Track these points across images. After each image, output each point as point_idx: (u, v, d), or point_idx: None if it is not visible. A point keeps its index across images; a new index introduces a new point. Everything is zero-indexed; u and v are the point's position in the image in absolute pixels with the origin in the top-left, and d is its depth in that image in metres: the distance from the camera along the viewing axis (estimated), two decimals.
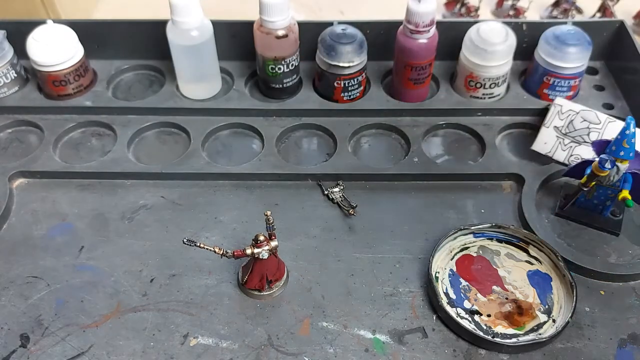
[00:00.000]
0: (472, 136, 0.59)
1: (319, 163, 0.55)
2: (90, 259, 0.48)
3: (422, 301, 0.45)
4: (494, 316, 0.44)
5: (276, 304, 0.45)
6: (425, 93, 0.61)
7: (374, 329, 0.43)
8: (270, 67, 0.58)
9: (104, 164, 0.55)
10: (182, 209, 0.52)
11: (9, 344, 0.42)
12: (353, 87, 0.59)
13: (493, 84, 0.58)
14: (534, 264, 0.47)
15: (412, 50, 0.56)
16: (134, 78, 0.66)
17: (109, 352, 0.42)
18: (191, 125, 0.59)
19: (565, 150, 0.54)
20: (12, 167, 0.54)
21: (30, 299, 0.45)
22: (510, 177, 0.54)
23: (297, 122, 0.59)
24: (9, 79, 0.60)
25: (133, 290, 0.46)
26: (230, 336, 0.43)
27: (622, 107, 0.60)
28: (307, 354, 0.42)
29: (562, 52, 0.56)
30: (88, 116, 0.60)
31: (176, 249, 0.49)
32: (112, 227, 0.50)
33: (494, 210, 0.52)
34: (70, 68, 0.59)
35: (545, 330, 0.43)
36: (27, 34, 0.58)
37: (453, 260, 0.47)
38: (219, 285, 0.46)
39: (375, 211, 0.51)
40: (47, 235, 0.50)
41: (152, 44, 0.64)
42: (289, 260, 0.47)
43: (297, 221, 0.51)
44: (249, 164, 0.55)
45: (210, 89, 0.62)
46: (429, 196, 0.53)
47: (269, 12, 0.54)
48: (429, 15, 0.53)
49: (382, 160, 0.56)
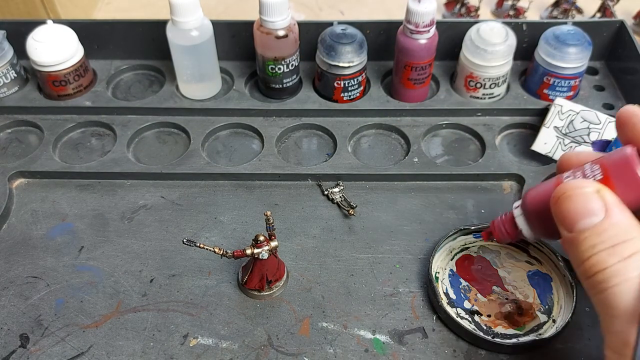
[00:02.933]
0: (472, 136, 0.59)
1: (319, 163, 0.55)
2: (90, 259, 0.48)
3: (422, 301, 0.45)
4: (494, 316, 0.44)
5: (276, 304, 0.45)
6: (425, 93, 0.61)
7: (373, 329, 0.43)
8: (270, 67, 0.58)
9: (103, 164, 0.55)
10: (182, 209, 0.52)
11: (9, 344, 0.42)
12: (353, 87, 0.59)
13: (493, 84, 0.58)
14: (534, 264, 0.47)
15: (412, 50, 0.56)
16: (133, 78, 0.66)
17: (109, 352, 0.42)
18: (191, 125, 0.59)
19: (566, 151, 0.54)
20: (12, 167, 0.54)
21: (30, 299, 0.45)
22: (511, 177, 0.54)
23: (297, 122, 0.59)
24: (8, 79, 0.60)
25: (133, 290, 0.46)
26: (230, 336, 0.43)
27: (622, 107, 0.60)
28: (306, 354, 0.42)
29: (562, 52, 0.56)
30: (88, 116, 0.60)
31: (176, 249, 0.49)
32: (111, 227, 0.50)
33: (494, 211, 0.52)
34: (70, 68, 0.59)
35: (545, 330, 0.43)
36: (27, 34, 0.58)
37: (453, 261, 0.47)
38: (219, 286, 0.46)
39: (375, 211, 0.51)
40: (47, 235, 0.50)
41: (152, 44, 0.64)
42: (288, 261, 0.47)
43: (297, 221, 0.51)
44: (249, 164, 0.55)
45: (210, 89, 0.62)
46: (429, 196, 0.53)
47: (269, 12, 0.54)
48: (429, 16, 0.53)
49: (382, 161, 0.56)
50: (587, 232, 0.28)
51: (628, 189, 0.29)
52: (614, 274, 0.27)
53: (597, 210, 0.28)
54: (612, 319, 0.27)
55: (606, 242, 0.28)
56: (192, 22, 0.55)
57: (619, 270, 0.27)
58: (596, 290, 0.28)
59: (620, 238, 0.28)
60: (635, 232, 0.28)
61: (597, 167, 0.31)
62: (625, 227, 0.28)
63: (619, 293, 0.27)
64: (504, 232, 0.37)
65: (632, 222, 0.28)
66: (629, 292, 0.27)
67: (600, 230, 0.28)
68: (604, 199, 0.29)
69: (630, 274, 0.27)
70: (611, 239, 0.28)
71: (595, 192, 0.29)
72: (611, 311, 0.27)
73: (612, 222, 0.28)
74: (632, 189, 0.29)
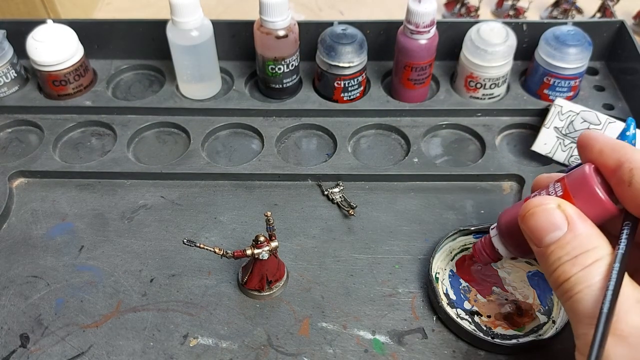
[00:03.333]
0: (472, 137, 0.59)
1: (318, 163, 0.55)
2: (90, 259, 0.48)
3: (422, 302, 0.45)
4: (494, 317, 0.44)
5: (276, 304, 0.45)
6: (425, 93, 0.61)
7: (373, 330, 0.43)
8: (270, 67, 0.58)
9: (103, 163, 0.55)
10: (181, 209, 0.52)
11: (9, 343, 0.43)
12: (353, 87, 0.59)
13: (493, 84, 0.58)
14: (533, 264, 0.47)
15: (412, 50, 0.56)
16: (133, 78, 0.66)
17: (109, 352, 0.42)
18: (191, 125, 0.59)
19: (566, 151, 0.54)
20: (12, 167, 0.54)
21: (30, 298, 0.45)
22: (511, 177, 0.54)
23: (297, 122, 0.59)
24: (8, 79, 0.60)
25: (133, 290, 0.46)
26: (230, 336, 0.43)
27: (622, 107, 0.60)
28: (306, 355, 0.42)
29: (562, 52, 0.56)
30: (88, 116, 0.60)
31: (176, 249, 0.49)
32: (111, 227, 0.50)
33: (494, 211, 0.52)
34: (70, 68, 0.59)
35: (545, 331, 0.43)
36: (27, 34, 0.58)
37: (453, 261, 0.47)
38: (219, 286, 0.46)
39: (375, 212, 0.52)
40: (47, 235, 0.50)
41: (152, 44, 0.64)
42: (288, 261, 0.47)
43: (296, 221, 0.51)
44: (249, 164, 0.55)
45: (210, 89, 0.62)
46: (429, 197, 0.53)
47: (269, 12, 0.54)
48: (430, 16, 0.53)
49: (382, 161, 0.56)
50: (553, 245, 0.31)
51: (587, 203, 0.31)
52: (577, 282, 0.29)
53: (559, 223, 0.31)
54: (578, 324, 0.29)
55: (570, 253, 0.30)
56: (192, 22, 0.55)
57: (581, 278, 0.29)
58: (564, 299, 0.30)
59: (583, 248, 0.30)
60: (597, 242, 0.30)
61: (558, 185, 0.33)
62: (587, 238, 0.30)
63: (582, 299, 0.29)
64: (485, 255, 0.40)
65: (593, 232, 0.30)
66: (591, 297, 0.28)
67: (563, 243, 0.30)
68: (565, 212, 0.31)
69: (592, 280, 0.29)
70: (574, 250, 0.30)
71: (557, 207, 0.31)
72: (577, 316, 0.29)
73: (574, 234, 0.30)
74: (590, 203, 0.31)
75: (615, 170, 0.31)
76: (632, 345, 0.27)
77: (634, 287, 0.29)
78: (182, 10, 0.54)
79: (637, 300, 0.28)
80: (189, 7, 0.54)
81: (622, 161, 0.31)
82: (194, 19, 0.55)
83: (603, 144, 0.32)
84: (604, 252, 0.30)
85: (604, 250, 0.30)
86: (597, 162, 0.32)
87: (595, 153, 0.32)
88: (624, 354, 0.27)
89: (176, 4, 0.53)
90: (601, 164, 0.32)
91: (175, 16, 0.54)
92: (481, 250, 0.40)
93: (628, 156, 0.31)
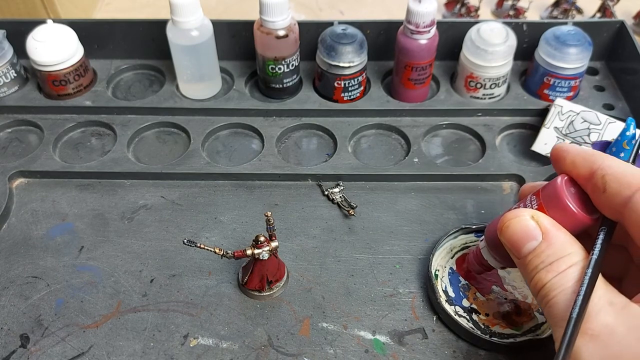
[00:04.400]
0: (472, 137, 0.59)
1: (319, 163, 0.55)
2: (90, 259, 0.48)
3: (422, 302, 0.45)
4: (492, 316, 0.44)
5: (276, 304, 0.45)
6: (425, 93, 0.61)
7: (374, 330, 0.43)
8: (271, 67, 0.58)
9: (103, 163, 0.55)
10: (182, 209, 0.52)
11: (9, 344, 0.42)
12: (353, 87, 0.59)
13: (493, 84, 0.58)
14: None
15: (413, 50, 0.56)
16: (133, 78, 0.66)
17: (109, 353, 0.42)
18: (191, 125, 0.59)
19: None
20: (12, 167, 0.54)
21: (30, 299, 0.45)
22: (511, 177, 0.54)
23: (297, 122, 0.59)
24: (8, 79, 0.60)
25: (133, 290, 0.46)
26: (230, 337, 0.43)
27: (622, 107, 0.60)
28: (307, 355, 0.42)
29: (563, 52, 0.56)
30: (88, 116, 0.60)
31: (176, 249, 0.49)
32: (112, 227, 0.50)
33: (494, 211, 0.52)
34: (70, 68, 0.59)
35: (543, 331, 0.43)
36: (27, 34, 0.58)
37: (453, 259, 0.47)
38: (219, 286, 0.46)
39: (375, 212, 0.51)
40: (47, 235, 0.50)
41: (152, 43, 0.64)
42: (289, 261, 0.47)
43: (297, 221, 0.51)
44: (249, 164, 0.55)
45: (210, 89, 0.62)
46: (429, 197, 0.53)
47: (269, 12, 0.54)
48: (430, 16, 0.53)
49: (382, 161, 0.56)
50: (530, 255, 0.32)
51: (560, 215, 0.33)
52: (552, 287, 0.31)
53: (535, 234, 0.32)
54: (555, 327, 0.30)
55: (545, 261, 0.31)
56: (192, 22, 0.55)
57: (555, 284, 0.30)
58: (542, 305, 0.31)
59: (557, 255, 0.31)
60: (571, 249, 0.31)
61: (534, 197, 0.34)
62: (562, 245, 0.31)
63: (556, 303, 0.30)
64: (477, 266, 0.41)
65: (567, 240, 0.32)
66: (565, 301, 0.30)
67: (539, 252, 0.32)
68: (539, 222, 0.32)
69: (566, 284, 0.30)
70: (549, 258, 0.31)
71: (530, 218, 0.33)
72: (553, 320, 0.30)
73: (549, 243, 0.32)
74: (563, 215, 0.33)
75: (589, 178, 0.32)
76: (603, 343, 0.28)
77: (608, 290, 0.30)
78: (182, 10, 0.54)
79: (610, 302, 0.29)
80: (189, 6, 0.54)
81: (594, 169, 0.32)
82: (194, 19, 0.55)
83: (575, 155, 0.33)
84: (578, 257, 0.31)
85: (577, 256, 0.31)
86: (572, 173, 0.33)
87: (569, 164, 0.33)
88: (594, 352, 0.28)
89: (176, 4, 0.53)
90: (575, 175, 0.33)
91: (175, 16, 0.54)
92: (473, 262, 0.42)
93: (599, 163, 0.32)
